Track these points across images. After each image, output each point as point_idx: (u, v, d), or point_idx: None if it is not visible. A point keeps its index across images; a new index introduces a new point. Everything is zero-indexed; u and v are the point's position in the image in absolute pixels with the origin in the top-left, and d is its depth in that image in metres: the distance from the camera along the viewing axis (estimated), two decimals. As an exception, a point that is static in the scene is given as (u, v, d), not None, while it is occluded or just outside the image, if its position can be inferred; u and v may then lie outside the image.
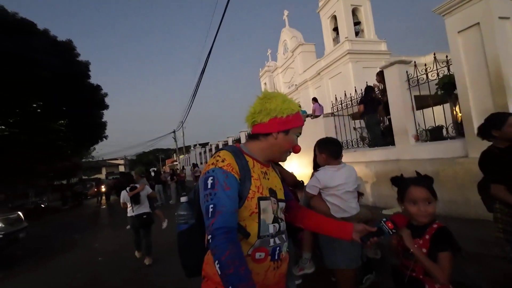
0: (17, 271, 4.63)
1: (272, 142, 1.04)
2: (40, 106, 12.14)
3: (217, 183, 0.90)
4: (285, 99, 1.05)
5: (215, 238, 0.83)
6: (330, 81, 15.18)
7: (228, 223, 0.86)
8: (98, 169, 38.50)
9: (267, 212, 0.99)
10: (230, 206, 0.88)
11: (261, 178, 1.02)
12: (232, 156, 0.97)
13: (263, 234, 0.97)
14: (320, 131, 7.05)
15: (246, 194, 0.94)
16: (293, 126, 1.04)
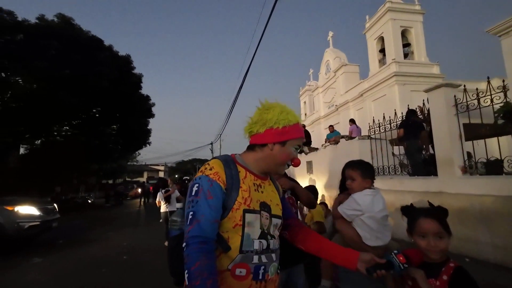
0: (52, 257, 5.06)
1: (267, 153, 1.00)
2: (98, 112, 13.73)
3: (201, 190, 0.88)
4: (283, 110, 1.01)
5: (188, 246, 0.81)
6: (373, 103, 14.47)
7: (205, 232, 0.83)
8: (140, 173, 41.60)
9: (253, 226, 0.92)
10: (209, 215, 0.85)
11: (251, 190, 0.96)
12: (222, 165, 0.94)
13: (246, 249, 0.90)
14: (354, 154, 6.64)
15: (231, 205, 0.90)
16: (290, 137, 0.99)
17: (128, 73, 13.22)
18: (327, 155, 8.04)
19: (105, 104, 13.11)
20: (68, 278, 3.94)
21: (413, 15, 13.58)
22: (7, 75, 9.81)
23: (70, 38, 10.49)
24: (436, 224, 1.05)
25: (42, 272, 4.30)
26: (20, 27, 9.64)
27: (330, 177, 7.77)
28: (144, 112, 15.45)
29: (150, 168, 46.66)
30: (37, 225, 5.71)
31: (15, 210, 5.48)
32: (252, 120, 1.03)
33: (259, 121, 1.00)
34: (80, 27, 11.22)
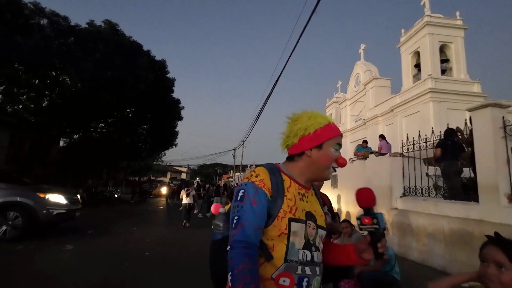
0: (82, 246, 5.36)
1: (307, 160, 1.00)
2: (132, 112, 14.53)
3: (246, 196, 0.89)
4: (311, 115, 1.02)
5: (233, 249, 0.82)
6: (405, 119, 13.89)
7: (249, 238, 0.84)
8: (164, 173, 43.04)
9: (298, 235, 0.91)
10: (253, 221, 0.86)
11: (296, 199, 0.96)
12: (267, 173, 0.95)
13: (290, 259, 0.89)
14: (384, 171, 6.39)
15: (276, 212, 0.90)
16: (326, 138, 0.98)
17: (163, 77, 13.91)
18: (354, 170, 7.79)
19: (139, 105, 13.84)
20: (95, 267, 4.14)
21: (453, 30, 12.97)
22: (56, 74, 10.78)
23: (114, 42, 11.31)
24: (499, 252, 0.99)
25: (73, 259, 4.57)
26: (72, 31, 10.58)
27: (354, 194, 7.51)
28: (174, 115, 16.10)
29: (173, 169, 48.13)
30: (64, 213, 6.15)
31: (46, 197, 5.93)
32: (285, 135, 1.04)
33: (291, 133, 1.02)
34: (123, 32, 12.10)
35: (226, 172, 50.85)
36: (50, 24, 10.17)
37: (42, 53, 9.73)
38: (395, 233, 5.72)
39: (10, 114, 10.69)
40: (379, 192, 6.41)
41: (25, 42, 9.42)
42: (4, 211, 5.47)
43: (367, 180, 7.06)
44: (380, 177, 6.46)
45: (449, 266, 4.46)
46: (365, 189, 1.01)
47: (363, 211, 0.97)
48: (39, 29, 9.83)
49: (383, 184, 6.33)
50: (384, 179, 6.35)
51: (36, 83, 10.52)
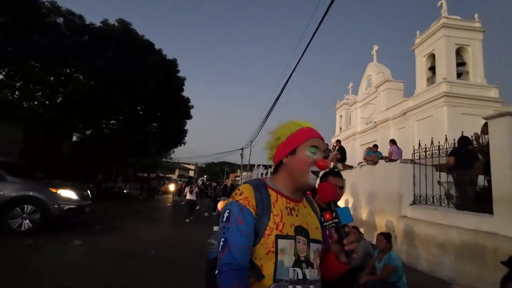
0: (90, 242, 5.46)
1: (285, 169, 0.98)
2: (142, 110, 14.76)
3: (232, 216, 0.87)
4: (286, 124, 1.02)
5: (221, 273, 0.80)
6: (417, 123, 13.57)
7: (236, 260, 0.81)
8: (172, 170, 43.63)
9: (286, 253, 0.87)
10: (240, 242, 0.83)
11: (284, 214, 0.92)
12: (252, 190, 0.92)
13: (280, 278, 0.85)
14: (394, 177, 6.24)
15: (263, 230, 0.87)
16: (298, 143, 0.96)
17: (173, 76, 14.05)
18: (363, 175, 7.65)
19: (149, 103, 14.03)
20: (100, 265, 4.19)
21: (471, 33, 12.56)
22: (71, 71, 11.05)
23: (126, 41, 11.49)
24: None
25: (80, 255, 4.65)
26: (87, 29, 10.81)
27: (364, 199, 7.37)
28: (183, 113, 16.26)
29: (182, 166, 48.71)
30: (74, 208, 6.21)
31: (58, 192, 6.00)
32: (267, 149, 1.05)
33: (269, 146, 1.03)
34: (136, 31, 12.27)
35: (234, 171, 51.01)
36: (65, 22, 10.42)
37: (57, 51, 9.98)
38: (404, 242, 5.58)
39: (26, 109, 11.03)
40: (388, 199, 6.26)
41: (41, 40, 9.68)
42: (20, 205, 5.58)
43: (376, 186, 6.91)
44: (389, 183, 6.32)
45: (458, 278, 4.31)
46: (324, 184, 1.00)
47: (326, 206, 0.95)
48: (55, 27, 10.08)
49: (393, 191, 6.19)
50: (393, 186, 6.20)
51: (51, 80, 10.81)
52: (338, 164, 9.38)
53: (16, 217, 5.56)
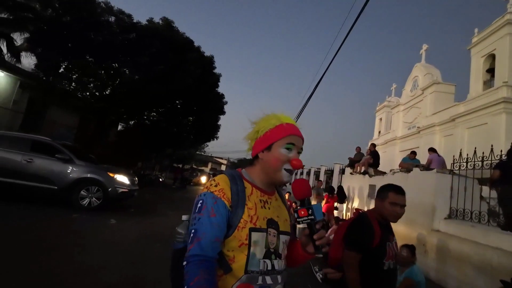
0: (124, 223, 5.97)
1: (261, 163, 0.99)
2: (180, 104, 15.57)
3: (204, 207, 0.87)
4: (267, 117, 1.01)
5: (188, 263, 0.81)
6: (468, 131, 12.22)
7: (205, 251, 0.82)
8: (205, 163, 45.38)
9: (258, 245, 0.89)
10: (211, 234, 0.84)
11: (258, 207, 0.93)
12: (228, 181, 0.93)
13: (251, 269, 0.87)
14: (429, 188, 5.71)
15: (236, 223, 0.88)
16: (275, 139, 0.95)
17: (209, 72, 14.55)
18: (394, 182, 7.11)
19: (186, 98, 14.74)
20: (129, 244, 4.56)
21: (543, 30, 10.87)
22: (118, 66, 12.10)
23: (169, 38, 12.20)
24: None
25: (113, 233, 5.11)
26: (134, 27, 11.73)
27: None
28: (217, 109, 16.79)
29: (214, 160, 50.44)
30: (126, 192, 6.91)
31: (114, 177, 6.76)
32: (246, 140, 1.05)
33: (249, 137, 1.03)
34: (177, 29, 12.95)
35: (265, 169, 50.99)
36: (116, 21, 11.43)
37: (109, 47, 11.00)
38: (434, 258, 5.10)
39: (80, 99, 12.40)
40: (420, 210, 5.76)
41: (96, 37, 10.77)
42: (85, 186, 6.38)
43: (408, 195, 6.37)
44: (423, 194, 5.80)
45: (496, 308, 3.81)
46: (299, 180, 0.98)
47: (299, 203, 0.94)
48: (107, 25, 11.12)
49: (426, 202, 5.67)
50: (427, 197, 5.68)
51: (102, 73, 11.98)
52: (369, 169, 8.88)
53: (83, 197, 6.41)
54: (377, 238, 1.60)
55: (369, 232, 1.62)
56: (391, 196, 1.67)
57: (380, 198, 1.73)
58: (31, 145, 6.31)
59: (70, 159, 6.38)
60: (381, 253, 1.59)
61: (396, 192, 1.68)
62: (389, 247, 1.64)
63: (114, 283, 3.04)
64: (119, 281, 3.13)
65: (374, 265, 1.59)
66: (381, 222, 1.68)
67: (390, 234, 1.71)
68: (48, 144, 6.48)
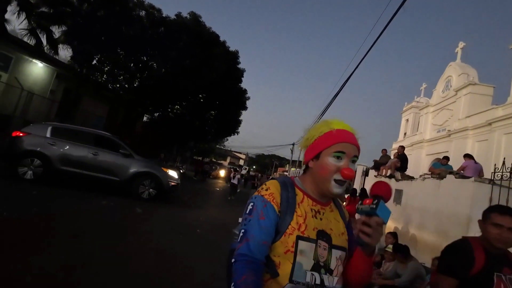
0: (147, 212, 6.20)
1: (310, 172, 0.97)
2: (203, 98, 15.81)
3: (254, 210, 0.89)
4: (317, 125, 0.99)
5: (237, 262, 0.83)
6: (506, 137, 11.40)
7: (253, 253, 0.83)
8: (224, 157, 46.09)
9: (306, 255, 0.87)
10: (259, 237, 0.84)
11: (308, 216, 0.91)
12: (278, 187, 0.93)
13: (296, 280, 0.85)
14: (464, 197, 5.41)
15: (284, 229, 0.88)
16: (323, 147, 0.92)
17: (234, 67, 14.63)
18: (425, 189, 6.82)
19: (210, 92, 14.94)
20: (152, 233, 4.72)
21: None
22: (147, 59, 12.47)
23: (195, 33, 12.37)
24: None
25: (137, 222, 5.29)
26: (163, 22, 12.00)
27: (423, 216, 6.59)
28: (240, 104, 16.90)
29: (233, 154, 51.04)
30: (175, 185, 7.57)
31: (167, 171, 7.47)
32: (300, 148, 1.05)
33: (301, 146, 1.02)
34: (204, 23, 13.09)
35: (282, 165, 51.09)
36: (147, 15, 11.76)
37: (139, 41, 11.36)
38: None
39: (110, 91, 12.93)
40: (454, 220, 5.49)
41: (127, 31, 11.15)
42: (145, 179, 7.09)
43: (440, 204, 6.10)
44: (457, 203, 5.50)
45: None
46: (383, 182, 0.91)
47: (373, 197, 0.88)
48: (138, 20, 11.46)
49: (461, 212, 5.38)
50: (462, 207, 5.38)
51: (131, 66, 12.40)
52: (396, 172, 8.56)
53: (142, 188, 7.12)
54: (478, 266, 1.42)
55: (466, 257, 1.45)
56: (494, 217, 1.46)
57: (483, 220, 1.54)
58: (94, 139, 6.97)
59: (130, 154, 7.03)
60: (484, 284, 1.40)
61: (501, 213, 1.47)
62: (501, 280, 1.41)
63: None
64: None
65: None
66: (488, 250, 1.47)
67: (506, 266, 1.46)
68: (109, 139, 7.14)
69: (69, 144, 6.66)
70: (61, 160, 6.52)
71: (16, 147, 6.40)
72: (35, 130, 6.68)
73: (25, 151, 6.37)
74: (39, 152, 6.39)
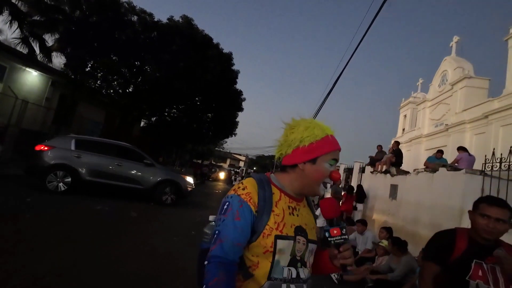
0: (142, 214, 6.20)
1: (299, 173, 0.94)
2: (200, 100, 15.85)
3: (230, 210, 0.87)
4: (309, 125, 0.95)
5: (209, 263, 0.82)
6: (503, 129, 11.35)
7: (226, 254, 0.82)
8: (224, 159, 46.18)
9: (284, 253, 0.88)
10: (233, 238, 0.83)
11: (286, 213, 0.91)
12: (256, 185, 0.91)
13: (274, 276, 0.86)
14: (457, 190, 5.37)
15: (261, 229, 0.87)
16: (320, 153, 0.92)
17: (228, 69, 14.66)
18: (419, 183, 6.78)
19: (206, 94, 14.98)
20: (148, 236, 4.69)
21: None
22: (141, 64, 12.52)
23: (188, 36, 12.41)
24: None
25: (133, 225, 5.29)
26: (156, 26, 12.07)
27: (418, 210, 6.55)
28: (236, 105, 16.93)
29: (233, 156, 51.11)
30: (191, 190, 8.27)
31: (186, 178, 8.18)
32: (280, 143, 0.99)
33: (284, 142, 0.97)
34: (197, 26, 13.15)
35: (283, 166, 50.96)
36: (139, 20, 11.83)
37: (132, 45, 11.41)
38: (460, 265, 4.80)
39: (105, 96, 12.99)
40: (446, 213, 5.44)
41: (119, 36, 11.21)
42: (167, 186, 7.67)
43: (434, 197, 6.05)
44: (450, 196, 5.46)
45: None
46: (328, 199, 0.95)
47: (327, 222, 0.92)
48: (131, 25, 11.53)
49: (453, 204, 5.33)
50: (455, 199, 5.34)
51: (125, 71, 12.46)
52: (391, 168, 8.52)
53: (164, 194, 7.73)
54: (457, 252, 1.46)
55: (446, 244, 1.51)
56: (482, 208, 1.47)
57: (472, 210, 1.55)
58: (116, 150, 7.41)
59: (152, 163, 7.58)
60: (461, 270, 1.42)
61: (489, 203, 1.46)
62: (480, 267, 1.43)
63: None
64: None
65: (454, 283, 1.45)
66: (474, 239, 1.49)
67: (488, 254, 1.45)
68: (130, 149, 7.63)
69: (93, 156, 7.01)
70: (87, 171, 6.85)
71: (43, 160, 6.56)
72: (59, 143, 6.91)
73: (53, 165, 6.60)
74: (67, 165, 6.68)
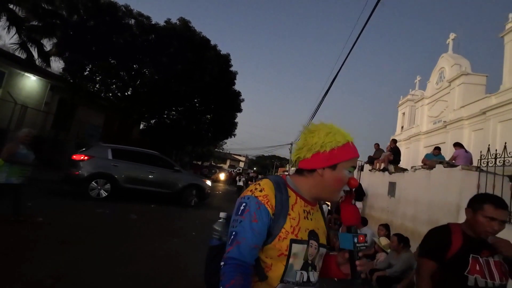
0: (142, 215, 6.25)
1: (318, 179, 0.93)
2: (198, 102, 15.89)
3: (247, 211, 0.86)
4: (330, 131, 0.94)
5: (226, 265, 0.81)
6: (501, 125, 11.40)
7: (243, 257, 0.82)
8: (224, 160, 46.29)
9: (298, 257, 0.89)
10: (250, 240, 0.83)
11: (301, 217, 0.92)
12: (273, 188, 0.90)
13: (287, 279, 0.87)
14: (453, 186, 5.41)
15: (277, 232, 0.87)
16: (341, 160, 0.91)
17: (226, 70, 14.71)
18: (416, 180, 6.82)
19: (204, 96, 15.02)
20: (149, 238, 4.74)
21: None
22: (139, 67, 12.57)
23: (186, 38, 12.47)
24: None
25: (133, 228, 5.33)
26: (153, 29, 12.11)
27: (416, 207, 6.60)
28: (234, 106, 16.97)
29: (233, 157, 51.23)
30: (208, 193, 9.17)
31: (206, 181, 9.21)
32: (298, 146, 0.99)
33: (304, 146, 0.95)
34: (194, 28, 13.20)
35: (283, 166, 51.06)
36: (136, 23, 11.88)
37: (130, 49, 11.46)
38: (458, 260, 4.84)
39: (104, 100, 13.04)
40: (443, 210, 5.49)
41: (117, 40, 11.26)
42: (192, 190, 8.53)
43: (431, 194, 6.10)
44: (447, 192, 5.51)
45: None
46: (352, 206, 0.96)
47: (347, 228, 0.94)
48: (128, 28, 11.58)
49: (450, 201, 5.38)
50: (451, 196, 5.39)
51: (123, 74, 12.51)
52: (389, 165, 8.57)
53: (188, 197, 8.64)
54: (454, 249, 1.44)
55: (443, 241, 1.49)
56: (488, 209, 1.41)
57: (473, 209, 1.49)
58: (148, 158, 8.06)
59: (180, 170, 8.46)
60: (459, 265, 1.42)
61: (496, 206, 1.41)
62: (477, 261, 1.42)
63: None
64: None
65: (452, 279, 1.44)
66: (467, 234, 1.49)
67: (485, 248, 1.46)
68: (159, 157, 8.37)
69: (129, 165, 7.59)
70: (125, 178, 7.44)
71: (84, 169, 6.97)
72: (96, 153, 7.34)
73: (95, 173, 7.05)
74: (108, 173, 7.21)
